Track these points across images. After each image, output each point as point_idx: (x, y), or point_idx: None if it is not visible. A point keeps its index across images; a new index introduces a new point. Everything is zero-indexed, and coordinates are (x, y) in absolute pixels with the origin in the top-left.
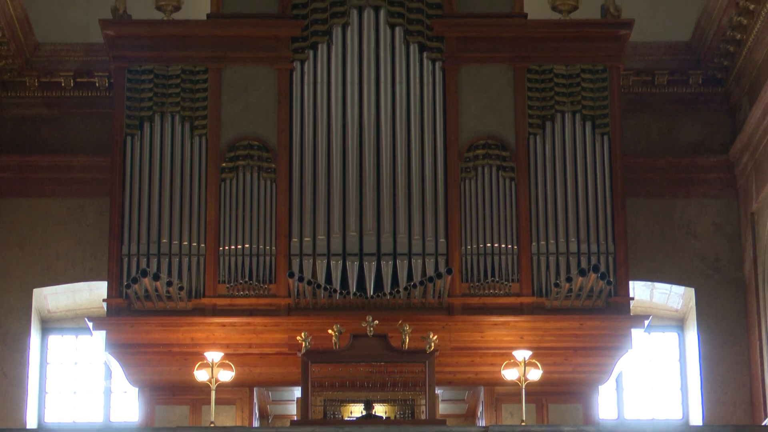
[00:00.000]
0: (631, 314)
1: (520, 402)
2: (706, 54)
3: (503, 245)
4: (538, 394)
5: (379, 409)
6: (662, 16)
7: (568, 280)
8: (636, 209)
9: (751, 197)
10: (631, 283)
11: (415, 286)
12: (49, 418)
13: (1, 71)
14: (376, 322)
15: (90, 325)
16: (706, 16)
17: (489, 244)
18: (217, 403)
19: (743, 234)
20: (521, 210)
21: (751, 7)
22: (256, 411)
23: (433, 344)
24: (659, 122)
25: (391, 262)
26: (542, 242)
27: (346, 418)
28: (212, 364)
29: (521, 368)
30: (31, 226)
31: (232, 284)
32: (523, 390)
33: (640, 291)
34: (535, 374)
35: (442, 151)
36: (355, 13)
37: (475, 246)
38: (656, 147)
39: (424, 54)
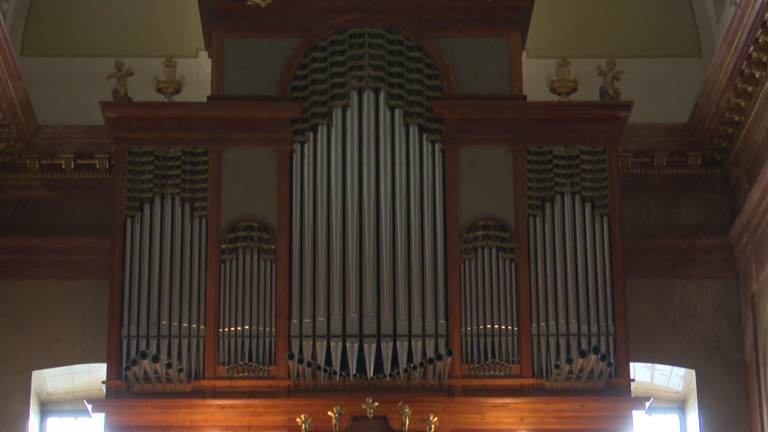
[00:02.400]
0: (632, 396)
1: None
2: (705, 135)
3: (503, 326)
4: None
5: None
6: (661, 98)
7: (569, 361)
8: (636, 290)
9: (751, 278)
10: (631, 364)
11: (415, 367)
12: None
13: (2, 153)
14: (376, 404)
15: (89, 407)
16: (704, 99)
17: (489, 326)
18: None
19: (743, 315)
20: (521, 291)
21: (749, 89)
22: None
23: (433, 426)
24: (659, 203)
25: (391, 344)
26: (542, 323)
27: None
28: None
29: None
30: (31, 307)
31: (231, 366)
32: None
33: (640, 372)
34: None
35: (441, 232)
36: (354, 94)
37: (475, 327)
38: (656, 228)
39: (424, 135)
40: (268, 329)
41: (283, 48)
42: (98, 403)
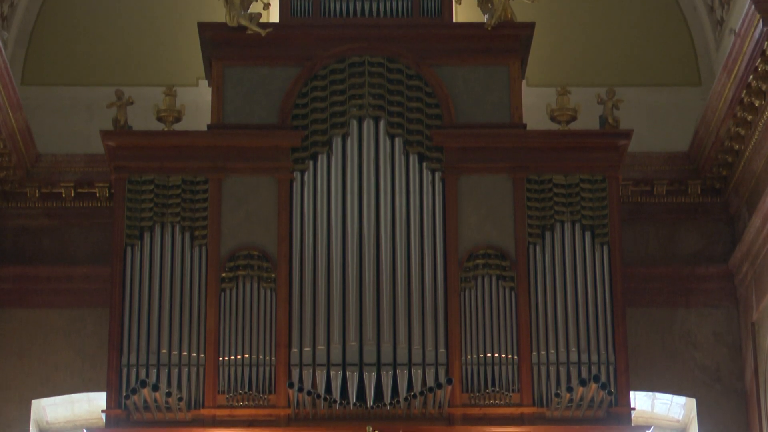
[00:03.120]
0: (633, 425)
1: None
2: (705, 164)
3: (503, 355)
4: None
5: None
6: (660, 126)
7: (569, 390)
8: (636, 319)
9: (751, 307)
10: (632, 393)
11: (415, 396)
12: None
13: (2, 182)
14: None
15: None
16: (704, 127)
17: (489, 354)
18: None
19: (744, 344)
20: (521, 319)
21: (749, 117)
22: None
23: None
24: (659, 232)
25: (391, 372)
26: (543, 352)
27: None
28: None
29: None
30: (30, 336)
31: (231, 395)
32: None
33: (641, 401)
34: None
35: (441, 261)
36: (354, 123)
37: (475, 356)
38: (656, 256)
39: (424, 164)
40: (268, 358)
41: (283, 77)
42: None
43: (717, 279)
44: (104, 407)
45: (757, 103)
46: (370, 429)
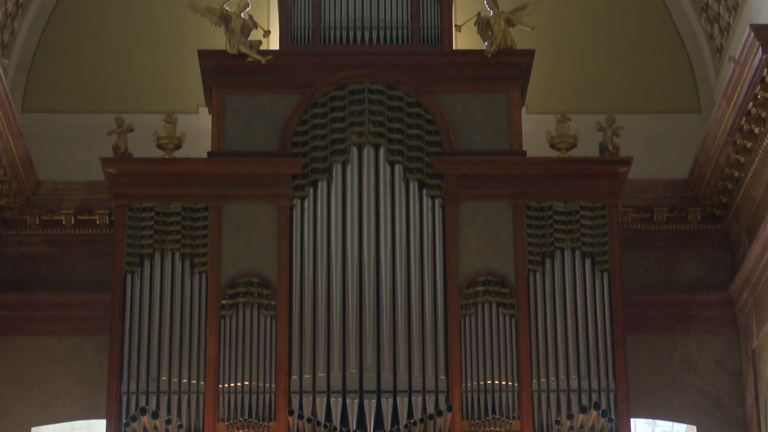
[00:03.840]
0: None
1: None
2: (705, 191)
3: (504, 382)
4: None
5: None
6: (660, 153)
7: (569, 417)
8: (636, 346)
9: (751, 334)
10: (632, 420)
11: (415, 423)
12: None
13: (3, 210)
14: None
15: None
16: (704, 154)
17: (489, 381)
18: None
19: (744, 371)
20: (521, 347)
21: (749, 144)
22: None
23: None
24: (659, 259)
25: (391, 399)
26: (543, 379)
27: None
28: None
29: None
30: (30, 364)
31: (231, 422)
32: None
33: (641, 428)
34: None
35: (442, 288)
36: (354, 150)
37: (475, 383)
38: (656, 283)
39: (424, 191)
40: (268, 385)
41: (283, 104)
42: None
43: (717, 306)
44: None
45: (756, 131)
46: None
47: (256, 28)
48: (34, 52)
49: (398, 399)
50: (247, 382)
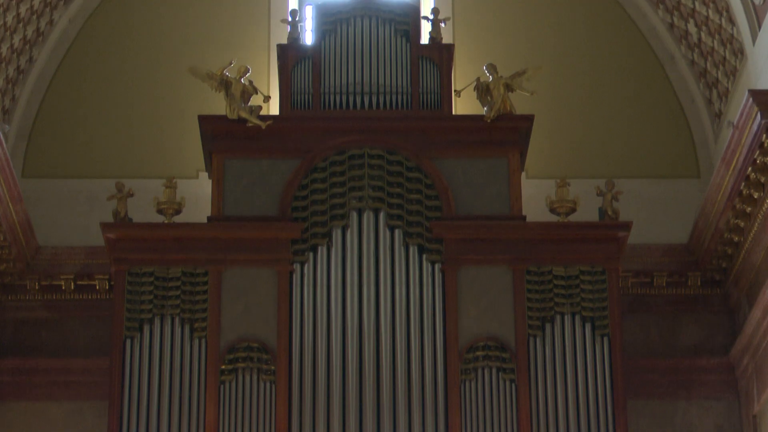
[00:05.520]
0: None
1: None
2: (705, 256)
3: None
4: None
5: None
6: (660, 218)
7: None
8: (637, 411)
9: (752, 399)
10: None
11: None
12: None
13: (2, 275)
14: None
15: None
16: (703, 219)
17: None
18: None
19: None
20: (522, 411)
21: (748, 209)
22: None
23: None
24: (659, 324)
25: None
26: None
27: None
28: None
29: None
30: (29, 429)
31: None
32: None
33: None
34: None
35: (441, 353)
36: (354, 215)
37: None
38: (656, 348)
39: (424, 256)
40: None
41: (283, 169)
42: None
43: (718, 371)
44: None
45: (756, 195)
46: None
47: (257, 93)
48: (35, 118)
49: None
50: None
